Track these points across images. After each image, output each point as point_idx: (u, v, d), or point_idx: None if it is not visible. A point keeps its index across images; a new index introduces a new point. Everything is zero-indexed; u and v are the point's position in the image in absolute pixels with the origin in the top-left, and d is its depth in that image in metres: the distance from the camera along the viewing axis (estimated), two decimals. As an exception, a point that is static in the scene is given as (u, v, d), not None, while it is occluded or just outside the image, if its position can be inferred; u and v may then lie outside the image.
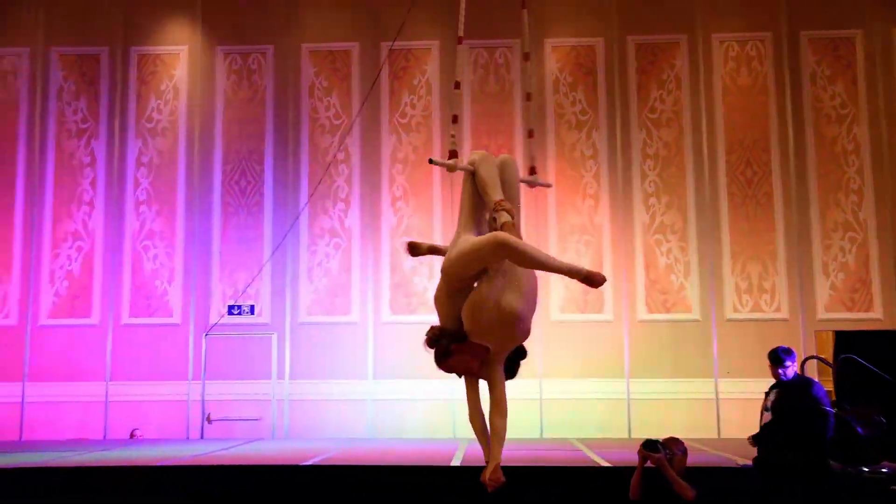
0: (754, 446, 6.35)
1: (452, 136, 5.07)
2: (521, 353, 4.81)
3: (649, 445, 5.27)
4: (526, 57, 5.77)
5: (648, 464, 5.27)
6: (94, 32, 12.77)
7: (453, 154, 5.00)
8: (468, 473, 4.51)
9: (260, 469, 7.10)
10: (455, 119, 5.45)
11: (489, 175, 4.68)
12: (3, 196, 12.42)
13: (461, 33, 5.52)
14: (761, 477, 6.04)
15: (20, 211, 12.38)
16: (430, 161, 5.22)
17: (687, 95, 12.31)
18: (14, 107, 12.71)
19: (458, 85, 5.56)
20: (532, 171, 5.48)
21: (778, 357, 6.50)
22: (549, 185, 5.95)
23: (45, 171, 12.48)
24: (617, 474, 6.07)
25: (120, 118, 12.61)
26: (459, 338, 4.62)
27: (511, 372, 4.83)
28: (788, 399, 6.32)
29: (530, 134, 5.76)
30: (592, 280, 4.30)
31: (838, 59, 12.30)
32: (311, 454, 8.19)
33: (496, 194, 4.59)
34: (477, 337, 4.56)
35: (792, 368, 6.47)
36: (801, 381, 6.55)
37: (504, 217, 4.47)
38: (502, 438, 4.57)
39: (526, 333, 4.63)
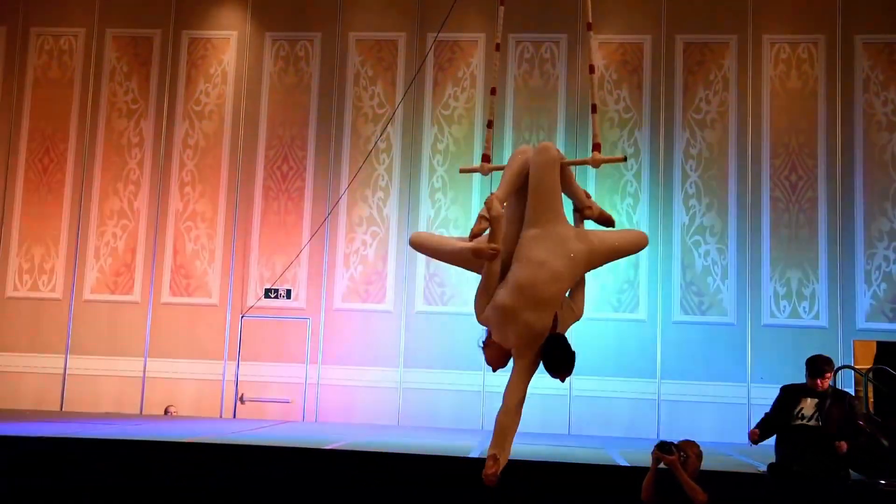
0: (756, 442, 6.30)
1: (486, 141, 5.17)
2: (559, 346, 4.51)
3: (663, 447, 5.24)
4: (589, 27, 5.60)
5: (662, 465, 5.24)
6: (148, 15, 13.02)
7: (486, 158, 5.04)
8: (482, 466, 4.51)
9: (278, 450, 7.23)
10: (490, 125, 5.36)
11: (505, 170, 4.77)
12: (54, 173, 12.76)
13: (498, 40, 5.50)
14: (779, 482, 5.98)
15: (69, 187, 12.71)
16: (461, 171, 5.37)
17: (734, 97, 12.14)
18: (68, 85, 13.03)
19: (494, 91, 5.50)
20: (596, 148, 5.14)
21: (820, 368, 6.42)
22: (621, 160, 5.57)
23: (94, 150, 12.79)
24: (632, 474, 6.05)
25: (169, 100, 12.85)
26: None
27: (554, 367, 4.51)
28: (832, 409, 6.26)
29: (593, 109, 5.33)
30: (479, 253, 4.52)
31: (893, 64, 12.02)
32: (334, 439, 8.30)
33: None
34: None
35: (829, 379, 6.42)
36: (841, 392, 6.51)
37: (482, 210, 4.55)
38: (496, 433, 4.53)
39: (526, 327, 4.48)
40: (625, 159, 5.63)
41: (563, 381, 4.63)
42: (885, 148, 11.85)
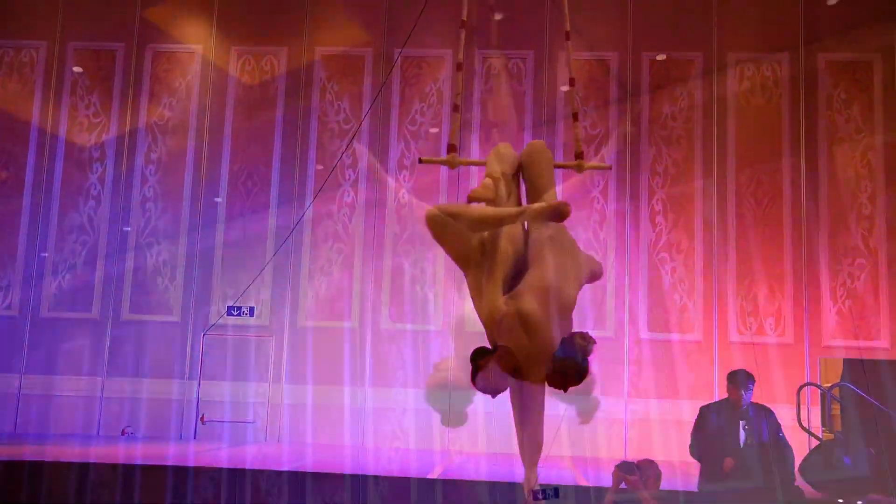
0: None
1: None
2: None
3: (625, 467, 5.17)
4: (567, 36, 5.81)
5: (623, 485, 5.16)
6: (112, 28, 12.84)
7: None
8: (434, 487, 4.40)
9: (239, 472, 7.06)
10: (576, 116, 5.56)
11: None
12: (13, 187, 12.50)
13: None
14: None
15: (28, 202, 12.44)
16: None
17: (699, 114, 12.19)
18: (28, 98, 12.79)
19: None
20: (578, 156, 5.25)
21: (745, 381, 6.49)
22: (607, 167, 5.63)
23: (54, 164, 12.54)
24: (592, 494, 5.96)
25: (131, 114, 12.65)
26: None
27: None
28: (763, 424, 6.29)
29: (575, 117, 5.60)
30: None
31: (855, 82, 12.13)
32: (297, 460, 8.13)
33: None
34: None
35: (752, 393, 6.48)
36: (765, 407, 6.55)
37: None
38: None
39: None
40: (609, 167, 5.76)
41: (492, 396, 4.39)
42: (848, 165, 11.93)
